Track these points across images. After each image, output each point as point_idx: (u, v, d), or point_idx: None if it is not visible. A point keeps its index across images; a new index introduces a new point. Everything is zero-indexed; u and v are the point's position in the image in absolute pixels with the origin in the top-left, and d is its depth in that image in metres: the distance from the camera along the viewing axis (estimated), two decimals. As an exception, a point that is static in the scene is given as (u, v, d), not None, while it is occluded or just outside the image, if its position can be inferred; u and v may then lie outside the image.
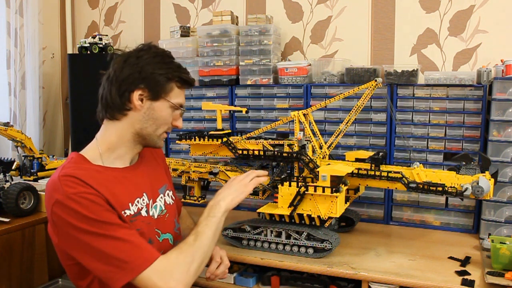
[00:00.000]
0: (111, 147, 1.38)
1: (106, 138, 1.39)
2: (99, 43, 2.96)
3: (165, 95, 1.38)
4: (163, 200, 1.50)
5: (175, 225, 1.53)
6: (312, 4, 2.73)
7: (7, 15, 2.92)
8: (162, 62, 1.38)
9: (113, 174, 1.35)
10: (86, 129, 2.92)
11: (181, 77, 1.40)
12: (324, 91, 2.43)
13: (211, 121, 2.67)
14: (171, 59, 1.42)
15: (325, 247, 1.83)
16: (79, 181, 1.23)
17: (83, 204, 1.20)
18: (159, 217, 1.45)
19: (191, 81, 1.44)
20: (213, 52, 2.64)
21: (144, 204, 1.40)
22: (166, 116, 1.40)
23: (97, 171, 1.32)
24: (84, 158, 1.35)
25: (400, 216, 2.34)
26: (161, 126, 1.41)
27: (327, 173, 1.77)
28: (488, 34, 2.38)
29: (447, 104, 2.22)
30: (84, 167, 1.31)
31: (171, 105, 1.40)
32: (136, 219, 1.34)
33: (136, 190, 1.40)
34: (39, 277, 2.16)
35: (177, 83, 1.40)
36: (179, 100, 1.42)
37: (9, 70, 2.95)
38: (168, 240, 1.47)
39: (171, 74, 1.38)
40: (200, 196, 2.26)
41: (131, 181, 1.39)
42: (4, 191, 2.13)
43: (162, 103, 1.38)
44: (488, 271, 1.67)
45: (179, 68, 1.41)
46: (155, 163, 1.59)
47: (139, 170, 1.46)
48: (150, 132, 1.40)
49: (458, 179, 1.78)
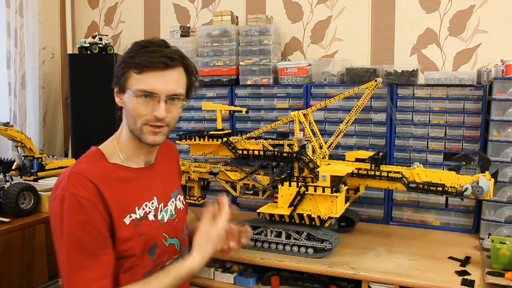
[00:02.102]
0: (121, 145, 1.39)
1: (118, 135, 1.40)
2: (99, 43, 2.96)
3: (127, 85, 1.30)
4: (174, 205, 1.48)
5: (183, 230, 1.51)
6: (312, 4, 2.73)
7: (7, 15, 2.92)
8: (126, 53, 1.32)
9: (125, 174, 1.35)
10: (86, 129, 2.97)
11: (135, 62, 1.27)
12: (324, 91, 2.43)
13: (211, 121, 2.67)
14: (140, 46, 1.30)
15: (325, 247, 1.83)
16: (86, 182, 1.24)
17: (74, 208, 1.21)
18: (169, 221, 1.43)
19: (148, 63, 1.27)
20: (213, 52, 2.64)
21: (152, 208, 1.39)
22: (134, 107, 1.29)
23: (110, 169, 1.32)
24: (102, 154, 1.35)
25: (400, 216, 2.34)
26: (136, 118, 1.31)
27: (327, 173, 1.77)
28: (488, 34, 2.38)
29: (447, 104, 2.22)
30: (99, 164, 1.32)
31: (133, 95, 1.28)
32: (141, 223, 1.33)
33: (146, 193, 1.38)
34: (39, 277, 2.16)
35: (134, 69, 1.28)
36: (141, 86, 1.27)
37: (9, 70, 2.95)
38: (174, 245, 1.45)
39: (125, 62, 1.29)
40: (200, 196, 2.26)
41: (142, 184, 1.38)
42: (4, 191, 2.13)
43: (127, 94, 1.30)
44: (488, 271, 1.67)
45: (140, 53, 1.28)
46: (171, 165, 1.57)
47: (153, 172, 1.44)
48: (132, 127, 1.33)
49: (458, 179, 1.78)
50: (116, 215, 1.28)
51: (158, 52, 1.28)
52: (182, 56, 1.35)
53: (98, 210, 1.24)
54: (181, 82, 1.34)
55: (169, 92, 1.30)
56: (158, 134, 1.34)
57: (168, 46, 1.33)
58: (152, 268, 1.36)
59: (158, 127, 1.32)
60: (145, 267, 1.34)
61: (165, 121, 1.32)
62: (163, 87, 1.29)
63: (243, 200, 2.60)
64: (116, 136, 1.41)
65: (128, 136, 1.38)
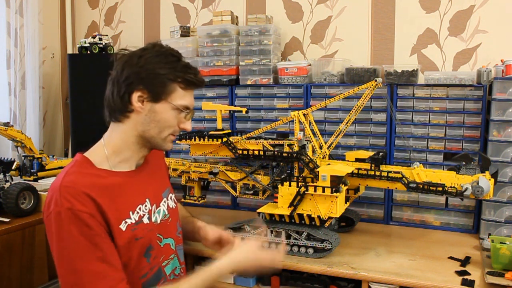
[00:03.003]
0: (116, 150, 1.34)
1: (111, 140, 1.35)
2: (99, 43, 2.96)
3: (167, 97, 1.30)
4: (166, 204, 1.47)
5: (177, 228, 1.50)
6: (312, 4, 2.73)
7: (7, 15, 2.92)
8: (164, 62, 1.30)
9: (117, 180, 1.31)
10: (86, 129, 2.96)
11: (185, 78, 1.30)
12: (324, 91, 2.43)
13: (211, 121, 2.67)
14: (176, 57, 1.32)
15: (325, 247, 1.83)
16: (79, 194, 1.20)
17: (74, 222, 1.18)
18: (162, 221, 1.42)
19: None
20: (213, 52, 2.64)
21: (146, 210, 1.37)
22: (169, 118, 1.32)
23: (100, 176, 1.28)
24: (88, 161, 1.30)
25: (400, 216, 2.34)
26: (164, 129, 1.33)
27: (327, 173, 1.77)
28: (488, 34, 2.38)
29: (447, 104, 2.22)
30: (88, 172, 1.27)
31: (174, 107, 1.31)
32: (137, 227, 1.31)
33: (138, 197, 1.36)
34: (39, 277, 2.16)
35: (181, 84, 1.31)
36: (184, 102, 1.32)
37: (9, 70, 2.95)
38: (169, 245, 1.43)
39: (172, 74, 1.29)
40: (200, 196, 2.26)
41: (134, 187, 1.36)
42: (4, 191, 2.13)
43: (164, 105, 1.30)
44: (488, 271, 1.67)
45: (184, 68, 1.32)
46: (158, 164, 1.55)
47: (143, 174, 1.42)
48: (153, 135, 1.33)
49: (458, 179, 1.78)
50: (113, 222, 1.25)
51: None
52: None
53: (97, 220, 1.21)
54: None
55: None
56: (172, 141, 1.42)
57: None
58: (148, 271, 1.34)
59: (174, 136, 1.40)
60: (141, 270, 1.32)
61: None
62: (193, 103, 1.39)
63: (243, 200, 2.60)
64: (106, 141, 1.36)
65: (132, 141, 1.34)
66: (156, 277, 1.37)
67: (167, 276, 1.41)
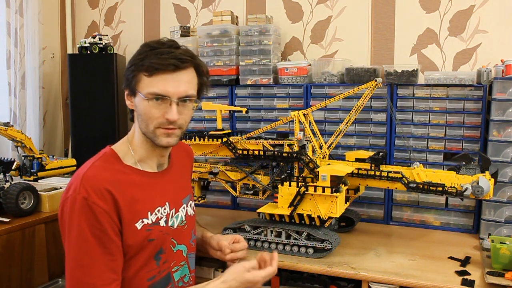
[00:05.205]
0: (134, 147, 1.37)
1: (131, 137, 1.39)
2: (99, 43, 2.96)
3: (137, 88, 1.28)
4: (185, 211, 1.47)
5: (191, 236, 1.50)
6: (312, 4, 2.73)
7: (7, 15, 2.91)
8: (136, 55, 1.29)
9: (140, 178, 1.33)
10: (86, 129, 2.97)
11: (147, 65, 1.25)
12: (324, 91, 2.43)
13: (211, 121, 2.67)
14: (150, 47, 1.28)
15: (325, 247, 1.83)
16: (99, 189, 1.22)
17: (85, 213, 1.20)
18: (178, 227, 1.42)
19: (161, 66, 1.25)
20: (213, 52, 2.64)
21: (164, 213, 1.37)
22: (146, 110, 1.28)
23: (125, 173, 1.31)
24: (116, 156, 1.34)
25: (400, 216, 2.34)
26: (147, 121, 1.30)
27: (327, 173, 1.77)
28: (488, 34, 2.38)
29: (447, 104, 2.22)
30: (113, 167, 1.30)
31: (143, 98, 1.27)
32: (153, 228, 1.32)
33: (159, 199, 1.37)
34: (39, 277, 2.15)
35: (144, 72, 1.26)
36: (153, 89, 1.26)
37: (9, 70, 2.95)
38: (182, 251, 1.44)
39: (137, 65, 1.27)
40: (200, 196, 2.26)
41: (156, 189, 1.37)
42: (4, 191, 2.12)
43: (138, 97, 1.29)
44: (488, 271, 1.67)
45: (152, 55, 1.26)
46: (185, 170, 1.56)
47: (167, 177, 1.43)
48: (144, 130, 1.32)
49: (458, 179, 1.78)
50: (128, 219, 1.26)
51: (168, 53, 1.26)
52: (193, 57, 1.33)
53: (110, 217, 1.23)
54: (192, 84, 1.33)
55: (181, 94, 1.29)
56: (171, 135, 1.33)
57: (178, 47, 1.32)
58: (157, 274, 1.35)
59: (171, 129, 1.31)
60: (149, 272, 1.33)
61: (177, 123, 1.31)
62: (175, 89, 1.27)
63: (243, 200, 2.60)
64: (129, 137, 1.40)
65: (141, 139, 1.36)
66: (164, 281, 1.37)
67: (176, 282, 1.41)
